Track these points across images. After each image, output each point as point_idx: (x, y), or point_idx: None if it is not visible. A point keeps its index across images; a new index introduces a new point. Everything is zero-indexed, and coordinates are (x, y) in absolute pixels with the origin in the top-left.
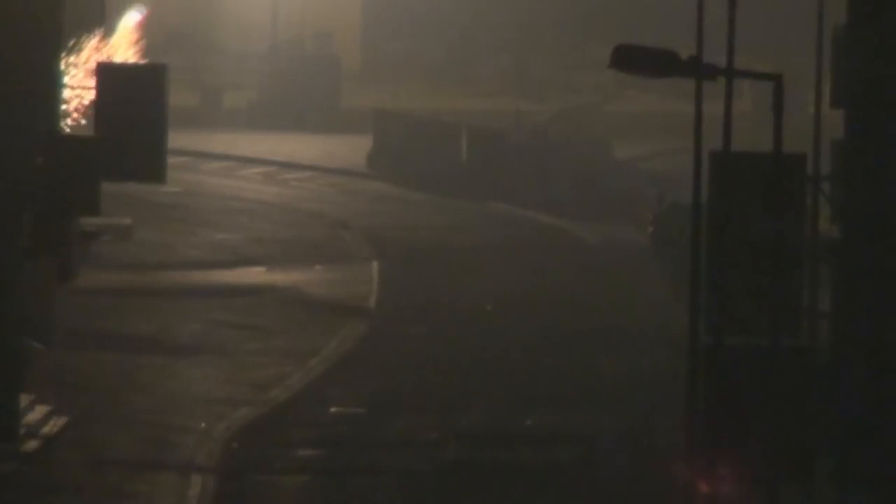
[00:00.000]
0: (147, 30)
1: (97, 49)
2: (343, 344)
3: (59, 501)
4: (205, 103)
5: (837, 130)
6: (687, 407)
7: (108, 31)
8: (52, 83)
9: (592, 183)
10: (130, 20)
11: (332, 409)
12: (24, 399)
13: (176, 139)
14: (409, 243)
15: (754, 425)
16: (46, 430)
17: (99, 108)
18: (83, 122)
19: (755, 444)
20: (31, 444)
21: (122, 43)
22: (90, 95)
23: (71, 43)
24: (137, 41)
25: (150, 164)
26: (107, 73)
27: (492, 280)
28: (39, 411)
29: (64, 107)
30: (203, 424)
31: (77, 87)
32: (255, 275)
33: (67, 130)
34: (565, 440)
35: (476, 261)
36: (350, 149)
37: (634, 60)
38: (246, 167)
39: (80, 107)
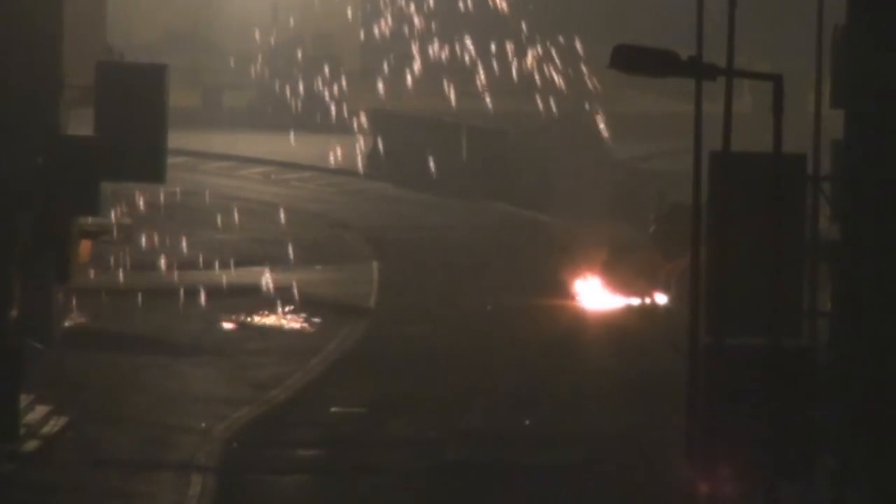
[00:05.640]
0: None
1: None
2: (343, 344)
3: (59, 501)
4: (205, 103)
5: (837, 130)
6: (687, 407)
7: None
8: (52, 83)
9: (593, 183)
10: None
11: (332, 409)
12: (24, 399)
13: (176, 139)
14: (409, 243)
15: (754, 425)
16: (46, 430)
17: (99, 108)
18: None
19: (755, 444)
20: (31, 444)
21: None
22: None
23: None
24: None
25: (150, 164)
26: (107, 73)
27: (492, 280)
28: (39, 411)
29: None
30: (203, 424)
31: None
32: (255, 275)
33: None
34: (566, 441)
35: (476, 261)
36: (350, 149)
37: (634, 60)
38: (246, 167)
39: None
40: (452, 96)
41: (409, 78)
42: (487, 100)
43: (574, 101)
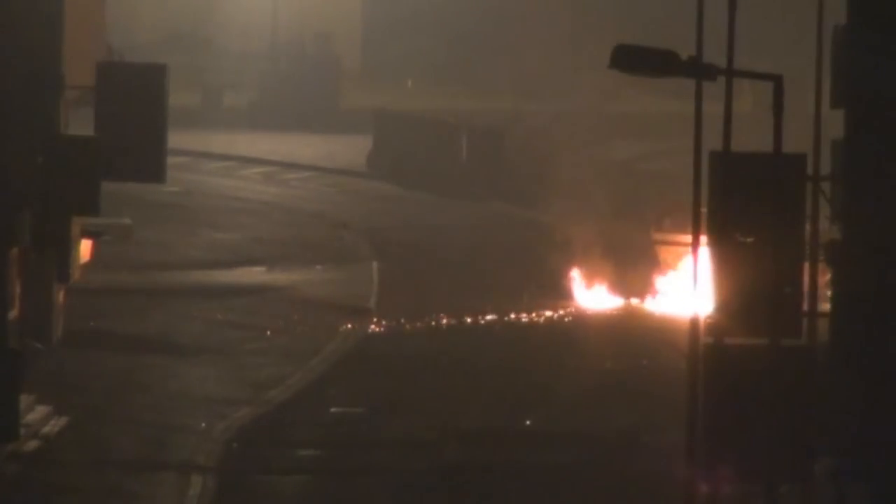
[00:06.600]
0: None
1: None
2: (343, 344)
3: (60, 501)
4: (205, 103)
5: (837, 130)
6: (687, 407)
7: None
8: (52, 83)
9: (592, 183)
10: None
11: (332, 409)
12: (24, 399)
13: (176, 139)
14: (409, 243)
15: (754, 425)
16: (46, 430)
17: (99, 108)
18: None
19: (755, 444)
20: (32, 444)
21: None
22: None
23: None
24: None
25: (150, 164)
26: (107, 73)
27: (492, 280)
28: (39, 411)
29: None
30: (203, 424)
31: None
32: (255, 275)
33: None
34: (566, 441)
35: (476, 261)
36: (350, 149)
37: (634, 60)
38: (246, 167)
39: None
40: (453, 96)
41: (409, 78)
42: (488, 100)
43: (574, 101)
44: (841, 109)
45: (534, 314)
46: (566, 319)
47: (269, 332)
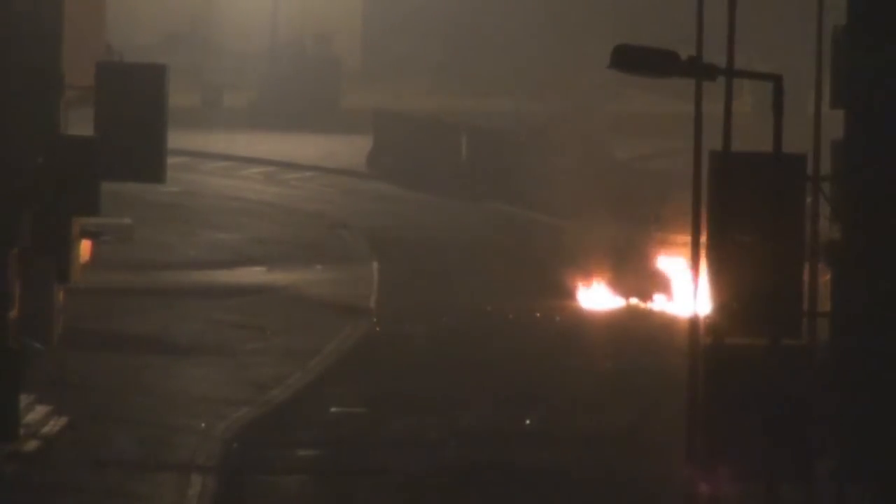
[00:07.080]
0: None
1: None
2: (343, 344)
3: (59, 501)
4: (205, 103)
5: (837, 130)
6: (687, 407)
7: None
8: (52, 83)
9: (593, 183)
10: None
11: (332, 409)
12: (24, 399)
13: (176, 139)
14: (408, 243)
15: (754, 425)
16: (46, 430)
17: (99, 108)
18: None
19: (755, 444)
20: (31, 444)
21: None
22: None
23: None
24: None
25: (150, 164)
26: (107, 73)
27: (491, 280)
28: (39, 411)
29: None
30: (203, 424)
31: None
32: (255, 275)
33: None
34: (566, 441)
35: (476, 261)
36: (350, 149)
37: (634, 60)
38: (246, 167)
39: None
40: (453, 96)
41: (408, 78)
42: (488, 99)
43: (574, 101)
44: (841, 109)
45: (535, 313)
46: (566, 319)
47: (269, 332)
